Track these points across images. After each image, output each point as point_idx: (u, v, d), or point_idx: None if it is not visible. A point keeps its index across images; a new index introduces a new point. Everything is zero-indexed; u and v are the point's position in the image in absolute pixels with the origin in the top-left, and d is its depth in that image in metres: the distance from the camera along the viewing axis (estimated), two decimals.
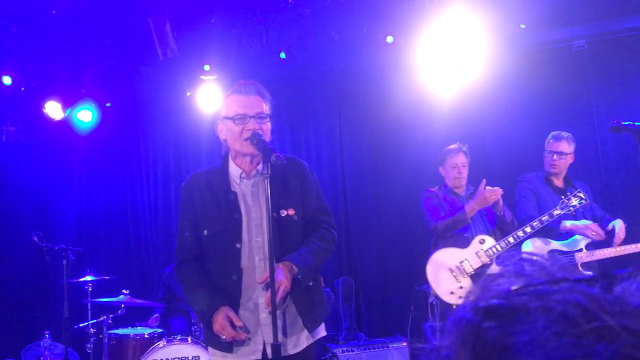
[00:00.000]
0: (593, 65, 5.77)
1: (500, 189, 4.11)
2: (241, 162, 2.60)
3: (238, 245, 2.51)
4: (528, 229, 4.05)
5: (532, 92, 5.78)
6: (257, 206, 2.54)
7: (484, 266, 4.11)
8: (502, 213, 4.21)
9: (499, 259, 0.51)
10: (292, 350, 2.51)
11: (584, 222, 4.14)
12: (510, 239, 4.08)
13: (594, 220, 4.29)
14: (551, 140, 4.40)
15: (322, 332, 2.64)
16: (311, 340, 2.56)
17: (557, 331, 0.40)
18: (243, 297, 2.51)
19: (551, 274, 0.48)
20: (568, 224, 4.15)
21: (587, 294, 0.41)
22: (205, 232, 2.56)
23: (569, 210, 4.04)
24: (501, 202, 4.19)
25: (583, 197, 4.05)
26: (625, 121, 3.16)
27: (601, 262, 4.19)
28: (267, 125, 2.57)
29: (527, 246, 4.28)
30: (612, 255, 4.04)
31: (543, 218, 4.05)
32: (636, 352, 0.37)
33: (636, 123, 3.14)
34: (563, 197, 4.10)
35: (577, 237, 4.18)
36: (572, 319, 0.40)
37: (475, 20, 5.30)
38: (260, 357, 2.48)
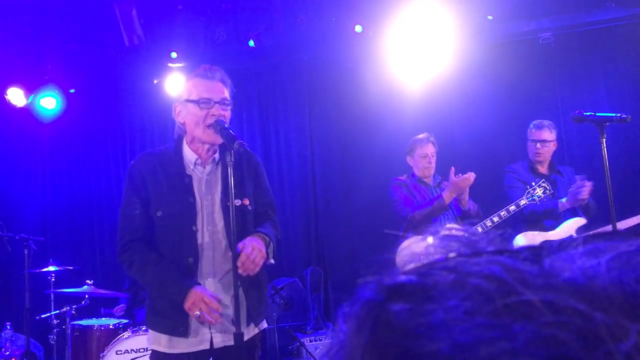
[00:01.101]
0: (559, 57, 5.85)
1: (473, 174, 4.12)
2: (197, 148, 2.54)
3: (195, 228, 2.46)
4: (496, 219, 4.09)
5: (499, 83, 5.84)
6: (210, 194, 2.50)
7: None
8: (467, 208, 4.24)
9: (436, 239, 0.45)
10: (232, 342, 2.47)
11: (570, 191, 4.17)
12: (479, 228, 4.11)
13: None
14: (533, 129, 4.44)
15: (265, 323, 2.65)
16: (256, 331, 2.56)
17: (469, 309, 0.33)
18: (198, 281, 2.45)
19: (478, 249, 0.41)
20: (564, 200, 4.19)
21: (505, 265, 0.34)
22: (160, 213, 2.47)
23: (534, 200, 4.09)
24: (466, 197, 4.22)
25: (547, 187, 4.10)
26: (587, 111, 3.20)
27: None
28: (229, 113, 2.54)
29: (520, 240, 4.30)
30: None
31: (510, 208, 4.09)
32: (561, 332, 0.30)
33: (597, 114, 3.18)
34: (528, 187, 4.15)
35: (567, 222, 4.21)
36: (487, 294, 0.33)
37: (444, 12, 5.33)
38: (208, 347, 2.43)
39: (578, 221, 4.22)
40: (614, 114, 3.14)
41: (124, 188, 2.57)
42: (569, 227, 4.22)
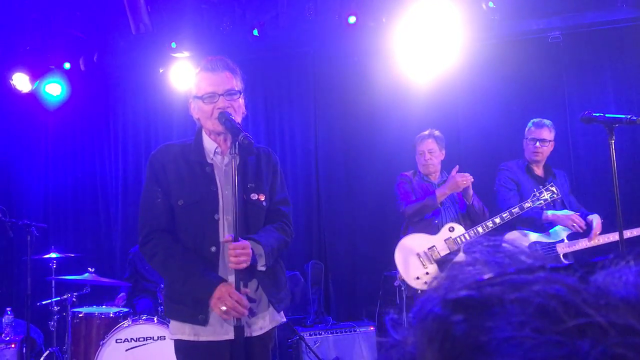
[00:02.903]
0: (567, 56, 5.81)
1: (471, 177, 4.12)
2: (215, 138, 2.55)
3: (217, 217, 2.46)
4: (498, 220, 4.06)
5: (506, 81, 5.81)
6: (229, 184, 2.49)
7: (451, 253, 4.14)
8: (471, 202, 4.23)
9: (466, 246, 0.46)
10: (256, 332, 2.48)
11: (565, 212, 4.15)
12: (480, 229, 4.10)
13: (569, 207, 4.31)
14: (532, 128, 4.38)
15: (283, 317, 2.63)
16: (274, 324, 2.56)
17: (537, 327, 0.35)
18: (220, 270, 2.45)
19: (522, 262, 0.43)
20: (550, 213, 4.14)
21: (567, 285, 0.37)
22: (181, 202, 2.46)
23: (540, 204, 4.05)
24: (471, 191, 4.21)
25: (555, 191, 4.05)
26: (596, 112, 3.17)
27: (578, 252, 4.21)
28: (239, 102, 2.53)
29: (510, 236, 4.28)
30: (594, 245, 4.05)
31: (513, 210, 4.06)
32: (627, 351, 0.33)
33: (607, 115, 3.15)
34: (535, 190, 4.10)
35: (557, 228, 4.18)
36: (553, 313, 0.35)
37: (452, 8, 5.29)
38: (233, 337, 2.42)
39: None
40: (623, 116, 3.11)
41: (145, 178, 2.58)
42: (560, 231, 4.20)
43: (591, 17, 5.63)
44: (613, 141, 3.08)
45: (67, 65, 6.25)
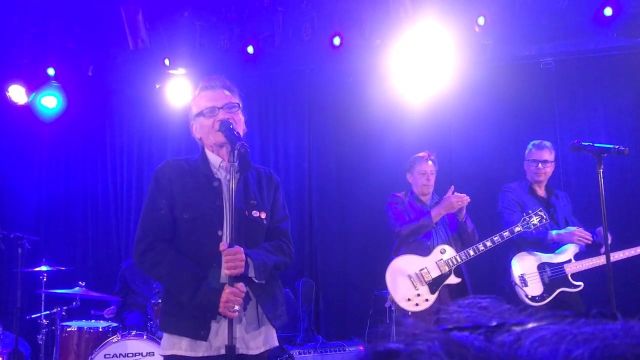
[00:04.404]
0: (559, 82, 5.89)
1: (468, 197, 4.15)
2: (220, 153, 2.58)
3: (220, 233, 2.48)
4: (489, 243, 4.09)
5: (498, 104, 5.88)
6: (229, 200, 2.50)
7: (443, 276, 4.16)
8: (463, 220, 4.26)
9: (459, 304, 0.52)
10: (252, 351, 2.49)
11: (568, 229, 4.17)
12: (471, 252, 4.13)
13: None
14: (533, 150, 4.43)
15: (276, 340, 2.63)
16: (268, 347, 2.56)
17: None
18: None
19: (484, 318, 0.48)
20: (554, 233, 4.17)
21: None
22: (186, 215, 2.48)
23: (529, 228, 4.09)
24: (464, 210, 4.25)
25: (544, 216, 4.09)
26: (586, 141, 3.23)
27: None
28: (239, 116, 2.58)
29: (519, 259, 4.31)
30: (601, 264, 4.04)
31: (504, 233, 4.09)
32: None
33: (596, 144, 3.21)
34: (525, 215, 4.15)
35: (565, 247, 4.21)
36: None
37: (446, 31, 5.37)
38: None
39: (575, 247, 4.23)
40: (612, 146, 3.17)
41: (149, 190, 2.58)
42: (567, 251, 4.23)
43: (583, 44, 5.72)
44: (602, 170, 3.13)
45: (63, 78, 6.27)
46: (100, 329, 4.75)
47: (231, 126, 2.46)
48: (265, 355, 2.57)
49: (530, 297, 4.18)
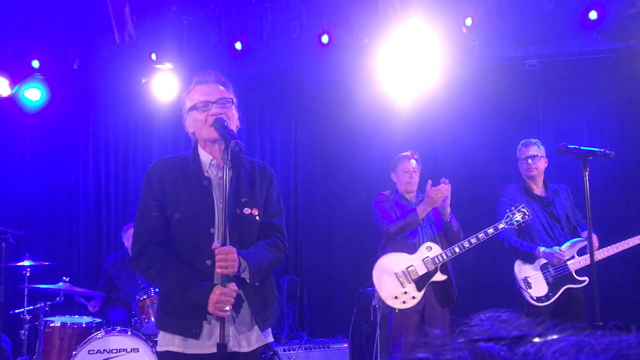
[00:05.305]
0: (543, 84, 5.98)
1: (447, 186, 4.17)
2: (211, 150, 2.57)
3: (212, 230, 2.48)
4: (474, 240, 4.14)
5: (484, 105, 5.94)
6: (222, 198, 2.50)
7: (429, 273, 4.20)
8: (448, 219, 4.31)
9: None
10: (244, 348, 2.50)
11: (554, 249, 4.21)
12: (457, 249, 4.18)
13: (575, 223, 4.40)
14: (522, 148, 4.51)
15: (270, 336, 2.64)
16: (261, 343, 2.57)
17: None
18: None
19: (504, 331, 0.51)
20: (541, 250, 4.23)
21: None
22: (178, 215, 2.49)
23: (512, 225, 4.16)
24: (449, 209, 4.29)
25: (526, 212, 4.17)
26: (572, 144, 3.28)
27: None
28: (233, 111, 2.58)
29: (519, 264, 4.35)
30: (604, 256, 4.12)
31: (488, 230, 4.15)
32: None
33: (582, 147, 3.26)
34: (508, 210, 4.22)
35: (568, 243, 4.24)
36: None
37: (433, 32, 5.41)
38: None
39: (578, 243, 4.28)
40: (597, 149, 3.23)
41: (142, 192, 2.58)
42: (569, 248, 4.28)
43: (568, 47, 5.81)
44: (587, 173, 3.19)
45: (47, 71, 6.20)
46: (84, 325, 4.71)
47: (225, 123, 2.45)
48: (258, 352, 2.58)
49: (535, 298, 4.24)
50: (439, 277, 4.23)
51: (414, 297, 4.17)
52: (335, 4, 5.63)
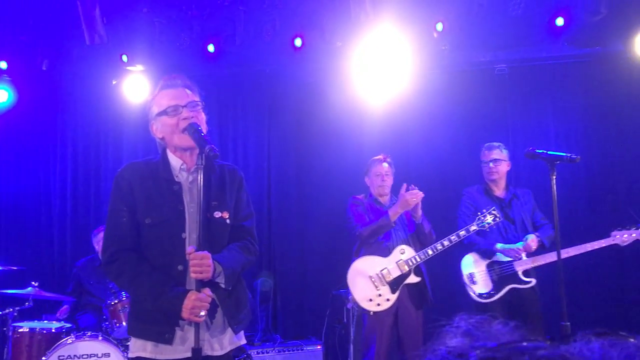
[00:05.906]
0: (512, 89, 6.09)
1: (421, 192, 4.25)
2: (181, 156, 2.56)
3: (184, 235, 2.47)
4: (446, 242, 4.22)
5: (454, 109, 6.03)
6: (194, 202, 2.50)
7: (403, 275, 4.25)
8: (420, 222, 4.37)
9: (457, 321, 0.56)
10: (217, 352, 2.50)
11: (512, 245, 4.32)
12: (429, 251, 4.24)
13: (534, 227, 4.52)
14: (485, 151, 4.64)
15: (243, 339, 2.65)
16: (234, 346, 2.57)
17: None
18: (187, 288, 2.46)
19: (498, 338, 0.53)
20: (499, 246, 4.35)
21: (571, 354, 0.47)
22: (148, 220, 2.47)
23: (484, 227, 4.25)
24: (420, 211, 4.35)
25: (497, 215, 4.27)
26: (540, 149, 3.37)
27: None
28: (202, 115, 2.57)
29: (468, 259, 4.47)
30: (549, 261, 4.21)
31: (460, 232, 4.23)
32: None
33: (549, 152, 3.36)
34: (479, 213, 4.31)
35: (518, 244, 4.33)
36: None
37: (404, 36, 5.47)
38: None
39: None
40: (564, 154, 3.33)
41: (111, 196, 2.56)
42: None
43: (535, 52, 5.94)
44: (554, 177, 3.28)
45: (15, 72, 6.08)
46: (54, 330, 4.64)
47: (199, 128, 2.45)
48: (231, 354, 2.59)
49: (477, 294, 4.38)
50: (413, 279, 4.28)
51: (388, 300, 4.22)
52: (309, 8, 5.65)
